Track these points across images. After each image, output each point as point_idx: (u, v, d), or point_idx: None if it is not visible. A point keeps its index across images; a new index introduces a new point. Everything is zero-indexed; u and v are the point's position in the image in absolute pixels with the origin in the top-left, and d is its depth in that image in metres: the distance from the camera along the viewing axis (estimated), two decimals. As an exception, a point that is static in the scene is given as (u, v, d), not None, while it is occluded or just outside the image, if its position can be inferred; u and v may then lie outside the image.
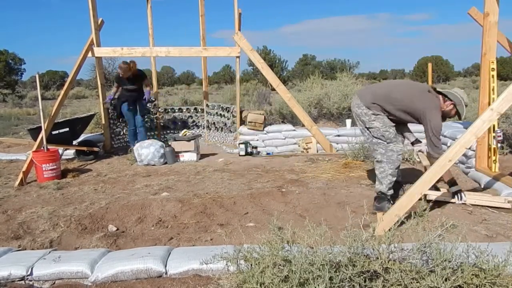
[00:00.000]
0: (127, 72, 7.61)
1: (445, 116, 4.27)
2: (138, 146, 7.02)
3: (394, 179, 4.36)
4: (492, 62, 5.05)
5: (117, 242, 3.74)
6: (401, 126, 4.58)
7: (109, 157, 7.79)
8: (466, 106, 4.20)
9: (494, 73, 5.06)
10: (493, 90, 5.05)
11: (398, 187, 4.73)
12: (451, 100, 4.18)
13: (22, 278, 2.93)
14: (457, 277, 2.09)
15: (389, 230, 2.38)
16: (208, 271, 2.87)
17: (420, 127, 4.44)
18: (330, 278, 2.10)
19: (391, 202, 4.25)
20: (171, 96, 22.86)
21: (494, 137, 5.06)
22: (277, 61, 44.62)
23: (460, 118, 4.36)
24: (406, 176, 5.57)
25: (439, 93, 4.26)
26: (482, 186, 4.93)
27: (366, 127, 4.37)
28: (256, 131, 7.75)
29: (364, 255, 2.26)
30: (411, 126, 4.75)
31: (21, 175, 5.90)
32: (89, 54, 7.69)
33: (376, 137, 4.32)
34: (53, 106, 6.91)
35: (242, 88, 8.35)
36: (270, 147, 7.77)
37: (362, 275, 2.16)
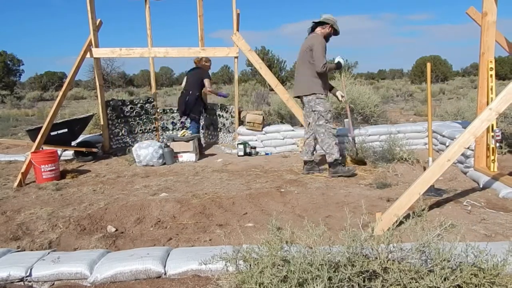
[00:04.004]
0: None
1: (328, 36, 5.83)
2: (137, 146, 7.01)
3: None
4: (491, 61, 5.05)
5: (116, 243, 3.74)
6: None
7: (107, 157, 7.78)
8: (336, 22, 5.77)
9: (493, 72, 5.06)
10: (491, 89, 5.05)
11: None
12: (327, 24, 5.71)
13: (21, 279, 2.92)
14: (456, 276, 2.09)
15: (388, 230, 2.38)
16: (207, 272, 2.86)
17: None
18: (329, 278, 2.10)
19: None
20: (169, 97, 22.84)
21: (492, 136, 5.06)
22: (275, 61, 44.47)
23: (338, 34, 5.86)
24: (405, 176, 5.59)
25: (318, 24, 5.76)
26: (481, 186, 4.93)
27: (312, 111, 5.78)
28: (255, 131, 7.74)
29: (363, 255, 2.26)
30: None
31: (19, 176, 5.88)
32: (88, 55, 7.67)
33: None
34: (52, 107, 6.90)
35: (240, 89, 8.34)
36: (269, 147, 7.76)
37: (361, 275, 2.16)
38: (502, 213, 4.07)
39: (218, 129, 8.73)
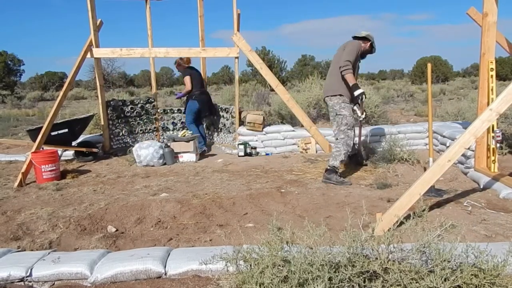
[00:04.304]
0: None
1: (365, 53, 5.80)
2: (137, 146, 7.01)
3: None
4: (491, 62, 5.05)
5: (116, 243, 3.74)
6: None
7: (108, 158, 7.78)
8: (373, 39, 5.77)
9: (493, 73, 5.06)
10: (492, 90, 5.04)
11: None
12: (368, 40, 5.70)
13: (22, 279, 2.92)
14: (456, 277, 2.09)
15: (388, 230, 2.38)
16: (208, 272, 2.86)
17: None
18: (330, 279, 2.10)
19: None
20: (170, 97, 22.84)
21: (493, 137, 5.06)
22: (276, 61, 44.49)
23: (374, 52, 5.88)
24: (405, 176, 5.58)
25: (360, 38, 5.72)
26: (482, 186, 4.93)
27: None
28: (255, 131, 7.74)
29: (364, 256, 2.26)
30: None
31: (20, 176, 5.88)
32: (88, 55, 7.67)
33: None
34: (52, 107, 6.90)
35: (241, 89, 8.36)
36: (269, 147, 7.76)
37: (361, 276, 2.16)
38: (502, 213, 4.06)
39: (219, 129, 8.72)
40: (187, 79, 8.04)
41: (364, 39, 5.70)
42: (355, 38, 5.73)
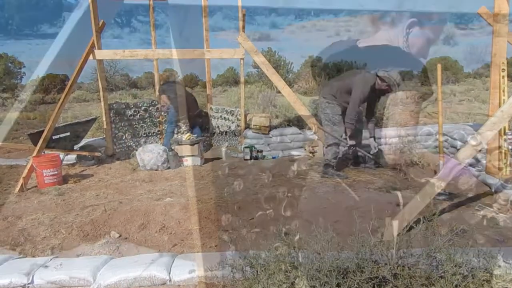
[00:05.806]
0: None
1: (381, 92, 5.87)
2: (141, 150, 6.98)
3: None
4: (503, 62, 4.99)
5: (119, 249, 3.70)
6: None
7: (111, 162, 7.73)
8: (399, 85, 5.74)
9: (505, 74, 5.00)
10: (503, 91, 4.98)
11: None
12: (385, 82, 5.65)
13: (23, 286, 2.91)
14: (467, 282, 2.10)
15: (398, 235, 2.33)
16: (213, 278, 2.83)
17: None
18: (338, 285, 2.09)
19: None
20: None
21: (505, 139, 5.00)
22: (282, 63, 44.55)
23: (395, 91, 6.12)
24: (415, 179, 5.51)
25: (379, 77, 5.72)
26: (493, 190, 4.85)
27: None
28: (261, 134, 7.69)
29: (373, 261, 2.24)
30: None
31: (21, 181, 5.85)
32: (90, 57, 7.62)
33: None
34: (54, 110, 6.87)
35: (246, 91, 8.34)
36: (276, 150, 7.70)
37: (370, 281, 2.15)
38: (514, 217, 3.99)
39: (224, 132, 8.68)
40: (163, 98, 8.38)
41: (380, 78, 5.73)
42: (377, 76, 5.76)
